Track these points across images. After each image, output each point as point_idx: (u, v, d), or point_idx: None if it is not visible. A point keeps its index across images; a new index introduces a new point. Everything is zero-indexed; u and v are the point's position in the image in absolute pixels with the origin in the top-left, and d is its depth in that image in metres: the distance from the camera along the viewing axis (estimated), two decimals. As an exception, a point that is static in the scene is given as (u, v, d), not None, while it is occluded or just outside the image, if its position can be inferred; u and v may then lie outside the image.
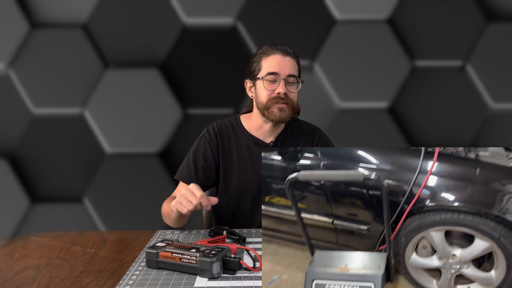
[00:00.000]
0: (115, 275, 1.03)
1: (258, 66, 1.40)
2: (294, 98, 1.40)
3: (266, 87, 1.37)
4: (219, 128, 1.47)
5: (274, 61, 1.37)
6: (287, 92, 1.37)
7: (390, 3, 2.36)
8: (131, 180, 2.39)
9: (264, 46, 1.42)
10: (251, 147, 1.45)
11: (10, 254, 1.19)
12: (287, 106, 1.37)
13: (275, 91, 1.36)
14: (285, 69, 1.37)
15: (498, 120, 2.40)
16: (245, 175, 1.44)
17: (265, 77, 1.37)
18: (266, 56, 1.39)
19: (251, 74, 1.43)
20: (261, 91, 1.39)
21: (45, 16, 2.35)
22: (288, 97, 1.37)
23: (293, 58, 1.40)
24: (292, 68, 1.38)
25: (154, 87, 2.38)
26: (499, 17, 2.37)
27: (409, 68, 2.39)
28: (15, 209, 2.38)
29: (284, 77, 1.37)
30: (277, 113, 1.37)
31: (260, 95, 1.40)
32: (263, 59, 1.39)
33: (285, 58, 1.38)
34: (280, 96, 1.36)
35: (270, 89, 1.37)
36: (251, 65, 1.42)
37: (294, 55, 1.41)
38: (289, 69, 1.37)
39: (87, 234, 1.35)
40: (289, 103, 1.37)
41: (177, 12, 2.36)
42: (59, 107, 2.38)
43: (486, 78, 2.38)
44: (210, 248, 1.02)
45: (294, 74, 1.39)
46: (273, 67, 1.37)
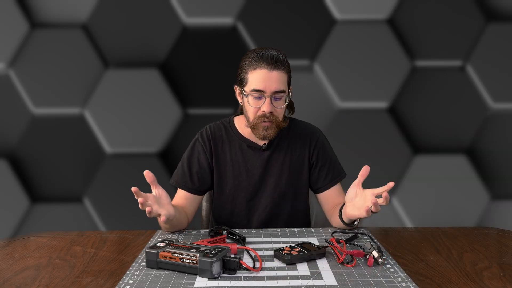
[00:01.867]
0: (115, 275, 1.03)
1: (245, 77, 1.34)
2: (280, 115, 1.36)
3: (251, 104, 1.34)
4: (212, 131, 1.46)
5: (259, 76, 1.31)
6: (273, 110, 1.33)
7: (390, 3, 2.36)
8: (131, 180, 2.38)
9: (251, 53, 1.35)
10: (244, 150, 1.44)
11: (10, 254, 1.19)
12: (272, 124, 1.35)
13: (260, 109, 1.33)
14: (270, 85, 1.31)
15: (498, 120, 2.40)
16: (239, 178, 1.43)
17: (250, 94, 1.33)
18: (252, 69, 1.32)
19: (239, 81, 1.38)
20: (247, 107, 1.36)
21: (45, 16, 2.35)
22: (273, 115, 1.34)
23: (280, 70, 1.31)
24: (278, 83, 1.31)
25: (154, 87, 2.38)
26: (499, 17, 2.37)
27: (409, 68, 2.39)
28: (15, 209, 2.39)
29: (269, 94, 1.32)
30: (262, 132, 1.35)
31: (247, 110, 1.37)
32: (249, 72, 1.32)
33: (271, 73, 1.30)
34: (265, 115, 1.33)
35: (256, 106, 1.33)
36: (239, 72, 1.37)
37: (282, 66, 1.32)
38: (275, 85, 1.31)
39: (87, 234, 1.35)
40: (273, 121, 1.35)
41: (177, 12, 2.36)
42: (59, 107, 2.38)
43: (486, 78, 2.38)
44: (210, 248, 1.02)
45: (281, 89, 1.32)
46: (258, 84, 1.30)
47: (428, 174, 2.42)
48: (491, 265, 1.08)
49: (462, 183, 2.42)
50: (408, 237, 1.29)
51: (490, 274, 1.03)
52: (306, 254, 1.08)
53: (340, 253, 1.07)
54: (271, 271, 1.02)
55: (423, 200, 2.42)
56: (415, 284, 0.95)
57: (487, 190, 2.42)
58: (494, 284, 0.97)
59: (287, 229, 1.35)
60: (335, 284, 0.95)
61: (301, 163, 1.45)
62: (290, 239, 1.25)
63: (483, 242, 1.26)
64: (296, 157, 1.44)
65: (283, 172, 1.43)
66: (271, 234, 1.31)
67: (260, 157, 1.43)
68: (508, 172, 2.42)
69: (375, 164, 2.38)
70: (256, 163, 1.43)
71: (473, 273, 1.04)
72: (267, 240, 1.25)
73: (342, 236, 1.27)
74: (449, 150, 2.41)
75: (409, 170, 2.42)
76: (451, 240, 1.27)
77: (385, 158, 2.41)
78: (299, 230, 1.34)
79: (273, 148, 1.44)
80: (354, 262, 1.05)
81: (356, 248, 1.13)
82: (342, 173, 1.48)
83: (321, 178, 1.45)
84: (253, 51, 1.36)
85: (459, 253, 1.16)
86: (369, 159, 2.39)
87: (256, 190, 1.43)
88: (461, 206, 2.43)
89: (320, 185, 1.45)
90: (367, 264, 1.05)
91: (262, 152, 1.43)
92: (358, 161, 2.41)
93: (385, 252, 1.14)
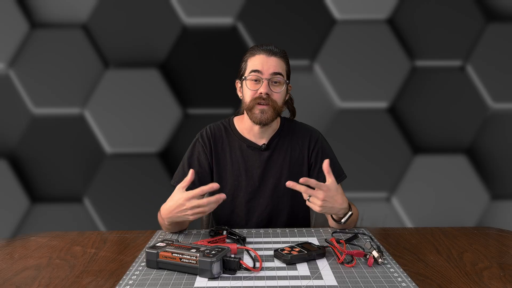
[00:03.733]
0: (115, 275, 1.03)
1: (245, 66, 1.39)
2: (278, 99, 1.37)
3: (249, 86, 1.36)
4: (212, 131, 1.46)
5: (258, 60, 1.36)
6: (270, 92, 1.34)
7: (390, 3, 2.36)
8: (131, 180, 2.39)
9: (252, 46, 1.42)
10: (244, 150, 1.44)
11: (10, 254, 1.19)
12: (268, 107, 1.35)
13: (257, 91, 1.35)
14: (268, 67, 1.35)
15: (498, 120, 2.40)
16: (239, 179, 1.43)
17: (248, 76, 1.36)
18: (251, 56, 1.38)
19: (240, 75, 1.43)
20: (246, 91, 1.39)
21: (45, 16, 2.35)
22: (270, 98, 1.35)
23: (279, 58, 1.37)
24: (277, 67, 1.36)
25: (154, 87, 2.38)
26: (499, 17, 2.37)
27: (409, 68, 2.39)
28: (15, 209, 2.39)
29: (267, 77, 1.34)
30: (258, 115, 1.35)
31: (245, 95, 1.39)
32: (249, 59, 1.39)
33: (269, 57, 1.36)
34: (262, 97, 1.34)
35: (253, 89, 1.36)
36: (240, 68, 1.42)
37: (281, 55, 1.38)
38: (273, 67, 1.35)
39: (87, 234, 1.35)
40: (270, 104, 1.35)
41: (177, 12, 2.36)
42: (59, 107, 2.38)
43: (486, 78, 2.38)
44: (210, 248, 1.02)
45: (279, 71, 1.36)
46: (256, 65, 1.35)
47: (428, 174, 2.42)
48: (491, 265, 1.08)
49: (462, 183, 2.42)
50: (408, 237, 1.29)
51: (490, 274, 1.03)
52: (306, 254, 1.08)
53: (340, 253, 1.07)
54: (271, 271, 1.02)
55: (423, 200, 2.42)
56: (415, 284, 0.95)
57: (487, 190, 2.42)
58: (494, 284, 0.97)
59: (287, 229, 1.35)
60: (335, 284, 0.95)
61: (301, 163, 1.45)
62: (290, 239, 1.25)
63: (483, 242, 1.26)
64: (295, 157, 1.45)
65: (282, 173, 1.43)
66: (271, 234, 1.31)
67: (259, 158, 1.43)
68: (508, 172, 2.42)
69: (375, 164, 2.41)
70: (255, 163, 1.43)
71: (473, 273, 1.04)
72: (267, 240, 1.25)
73: (342, 236, 1.27)
74: (449, 150, 2.41)
75: (409, 170, 2.42)
76: (451, 240, 1.27)
77: (385, 158, 2.41)
78: (299, 230, 1.34)
79: (272, 149, 1.44)
80: (354, 262, 1.05)
81: (356, 248, 1.13)
82: (342, 174, 1.47)
83: (320, 180, 1.44)
84: (254, 45, 1.42)
85: (459, 253, 1.16)
86: (369, 159, 2.39)
87: (256, 191, 1.43)
88: (461, 206, 2.43)
89: None
90: (367, 264, 1.05)
91: (262, 152, 1.43)
92: (358, 161, 2.43)
93: (385, 252, 1.14)
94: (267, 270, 1.02)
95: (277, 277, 0.99)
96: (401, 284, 0.95)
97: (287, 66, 1.41)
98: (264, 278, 0.98)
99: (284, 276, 0.99)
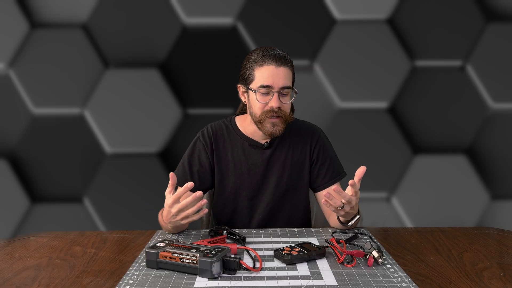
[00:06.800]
0: (115, 275, 1.03)
1: (251, 75, 1.35)
2: (287, 110, 1.37)
3: (259, 99, 1.34)
4: (213, 130, 1.46)
5: (267, 72, 1.32)
6: (281, 105, 1.33)
7: (390, 3, 2.36)
8: (131, 180, 2.39)
9: (257, 51, 1.36)
10: (246, 149, 1.44)
11: (10, 254, 1.19)
12: (279, 120, 1.34)
13: (268, 104, 1.33)
14: (278, 81, 1.32)
15: (498, 120, 2.40)
16: (241, 177, 1.43)
17: (258, 90, 1.33)
18: (259, 66, 1.33)
19: (243, 80, 1.38)
20: (254, 103, 1.36)
21: (45, 16, 2.35)
22: (281, 110, 1.34)
23: (287, 67, 1.34)
24: (286, 79, 1.33)
25: (154, 87, 2.38)
26: (499, 17, 2.37)
27: (409, 68, 2.39)
28: (15, 209, 2.39)
29: (277, 90, 1.33)
30: (269, 128, 1.35)
31: (253, 107, 1.37)
32: (256, 69, 1.33)
33: (278, 69, 1.32)
34: (273, 110, 1.33)
35: (263, 102, 1.33)
36: (244, 71, 1.38)
37: (288, 63, 1.35)
38: (282, 80, 1.33)
39: (87, 234, 1.35)
40: (282, 116, 1.35)
41: (177, 12, 2.36)
42: (59, 107, 2.38)
43: (486, 78, 2.38)
44: (210, 248, 1.02)
45: (288, 85, 1.34)
46: (266, 79, 1.32)
47: (428, 174, 2.42)
48: (491, 265, 1.08)
49: (462, 183, 2.42)
50: (408, 237, 1.29)
51: (490, 274, 1.03)
52: (306, 254, 1.08)
53: (340, 253, 1.07)
54: (271, 271, 1.02)
55: (423, 200, 2.42)
56: (415, 284, 0.95)
57: (487, 190, 2.42)
58: (494, 284, 0.97)
59: (287, 229, 1.35)
60: (335, 284, 0.95)
61: (303, 161, 1.45)
62: (290, 239, 1.25)
63: (483, 242, 1.26)
64: (297, 155, 1.45)
65: (284, 170, 1.43)
66: (271, 234, 1.31)
67: (261, 156, 1.43)
68: (508, 172, 2.42)
69: (375, 164, 2.41)
70: (257, 161, 1.43)
71: (473, 273, 1.04)
72: (267, 240, 1.25)
73: (342, 236, 1.27)
74: (449, 150, 2.41)
75: (409, 170, 2.42)
76: (451, 240, 1.27)
77: (385, 158, 2.41)
78: (299, 230, 1.34)
79: (274, 147, 1.44)
80: (354, 262, 1.05)
81: (356, 248, 1.13)
82: (342, 172, 1.48)
83: (321, 176, 1.45)
84: (259, 49, 1.37)
85: (459, 253, 1.16)
86: (369, 159, 2.39)
87: (258, 188, 1.44)
88: (461, 206, 2.43)
89: (319, 183, 1.45)
90: (367, 264, 1.05)
91: (264, 151, 1.44)
92: (358, 161, 2.42)
93: (385, 252, 1.14)
94: (267, 270, 1.02)
95: (277, 277, 0.99)
96: (401, 284, 0.95)
97: (293, 72, 1.39)
98: (264, 278, 0.98)
99: (284, 276, 0.99)
